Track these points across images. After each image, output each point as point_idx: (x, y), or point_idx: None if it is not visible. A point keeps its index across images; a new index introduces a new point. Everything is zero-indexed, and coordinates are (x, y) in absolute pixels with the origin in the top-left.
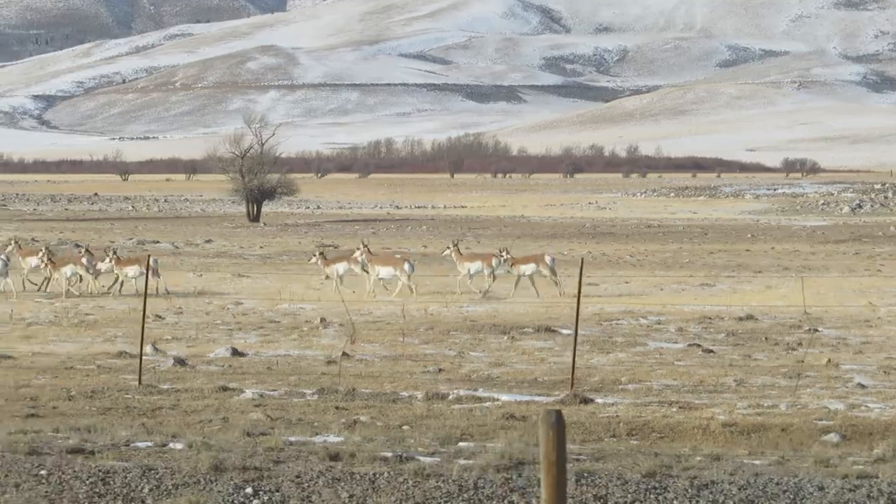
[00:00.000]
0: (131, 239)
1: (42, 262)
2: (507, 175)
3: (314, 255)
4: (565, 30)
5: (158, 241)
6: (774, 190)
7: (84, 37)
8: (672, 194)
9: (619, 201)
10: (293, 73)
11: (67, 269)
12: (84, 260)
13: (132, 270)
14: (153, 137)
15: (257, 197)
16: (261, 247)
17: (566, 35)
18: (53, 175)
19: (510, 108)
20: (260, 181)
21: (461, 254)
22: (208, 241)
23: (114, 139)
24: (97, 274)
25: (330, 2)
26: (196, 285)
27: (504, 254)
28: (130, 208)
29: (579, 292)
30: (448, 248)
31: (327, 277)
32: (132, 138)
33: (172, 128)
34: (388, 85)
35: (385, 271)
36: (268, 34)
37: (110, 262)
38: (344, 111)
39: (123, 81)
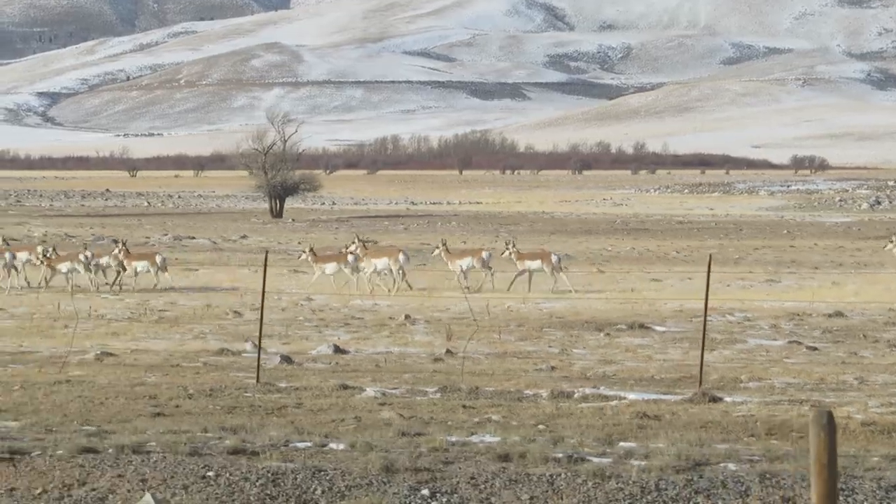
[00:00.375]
0: (165, 234)
1: (38, 259)
2: (516, 172)
3: (304, 252)
4: (569, 27)
5: (194, 237)
6: (788, 186)
7: (87, 34)
8: (686, 191)
9: (633, 198)
10: (297, 71)
11: (63, 266)
12: (81, 256)
13: (141, 265)
14: (158, 134)
15: (280, 193)
16: (298, 242)
17: (570, 32)
18: (60, 171)
19: (515, 106)
20: (283, 177)
21: (450, 252)
22: (244, 237)
23: (118, 136)
24: (97, 270)
25: None
26: (254, 281)
27: (510, 247)
28: (146, 204)
29: (707, 288)
30: (437, 248)
31: (324, 273)
32: (137, 135)
33: (177, 125)
34: (393, 82)
35: (381, 263)
36: (271, 32)
37: (118, 254)
38: (348, 108)
39: (128, 79)
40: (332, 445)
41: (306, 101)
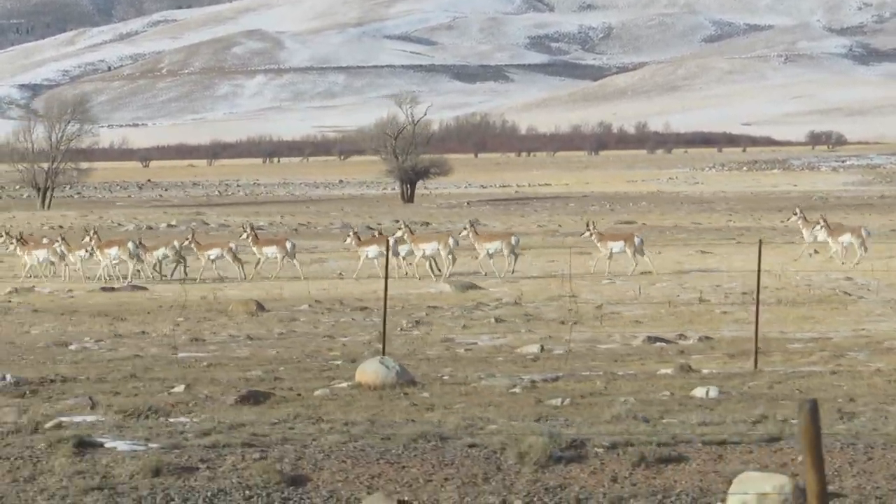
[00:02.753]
0: (390, 221)
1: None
2: (531, 154)
3: (348, 236)
4: (549, 8)
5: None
6: (843, 161)
7: (65, 25)
8: (745, 168)
9: (698, 176)
10: (279, 57)
11: (158, 252)
12: (180, 242)
13: (271, 251)
14: (142, 124)
15: (411, 177)
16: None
17: (550, 13)
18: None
19: (498, 88)
20: (413, 161)
21: (478, 234)
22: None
23: (103, 127)
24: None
25: None
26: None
27: (591, 228)
28: (217, 193)
29: None
30: (464, 228)
31: (368, 257)
32: (121, 125)
33: (161, 114)
34: (375, 67)
35: (430, 247)
36: (252, 19)
37: (247, 239)
38: (331, 94)
39: (109, 69)
40: None
41: (289, 87)
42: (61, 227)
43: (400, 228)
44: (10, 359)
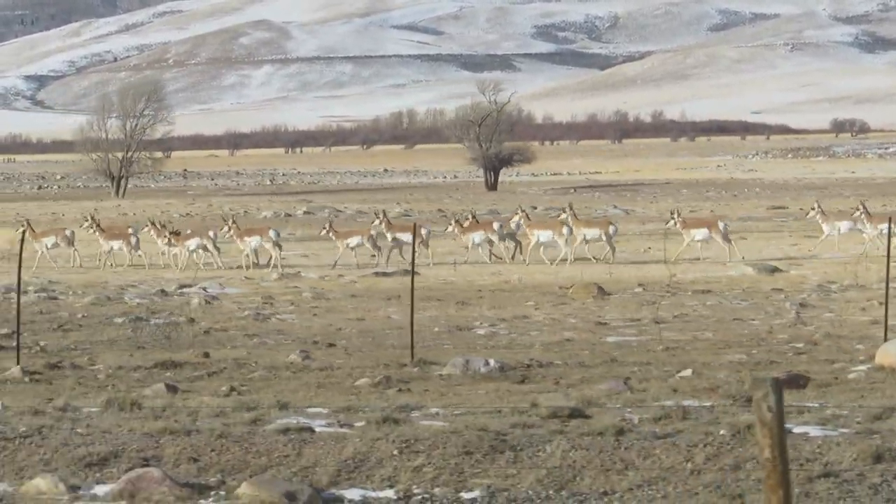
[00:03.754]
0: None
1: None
2: (555, 143)
3: (451, 223)
4: None
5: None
6: (886, 149)
7: (69, 16)
8: (790, 155)
9: (747, 164)
10: (286, 48)
11: (192, 243)
12: (210, 233)
13: (353, 241)
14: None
15: (495, 165)
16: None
17: (557, 3)
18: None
19: (505, 77)
20: (497, 149)
21: (530, 220)
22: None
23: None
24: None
25: None
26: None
27: (675, 216)
28: (269, 182)
29: None
30: (563, 212)
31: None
32: None
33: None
34: (382, 57)
35: (545, 235)
36: (258, 9)
37: (327, 232)
38: (339, 84)
39: (115, 60)
40: None
41: (296, 77)
42: (169, 215)
43: (517, 213)
44: (427, 343)
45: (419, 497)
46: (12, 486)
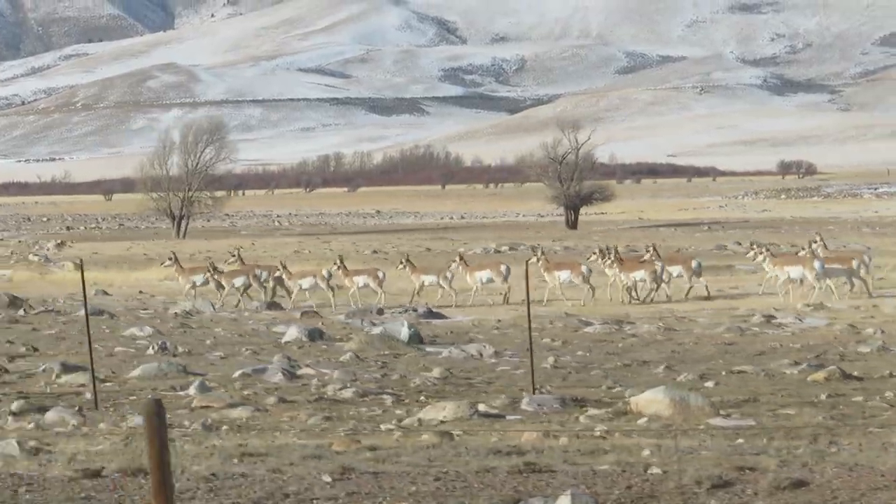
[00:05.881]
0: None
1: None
2: (499, 185)
3: (536, 257)
4: (462, 41)
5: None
6: (876, 189)
7: None
8: (783, 196)
9: (741, 204)
10: (195, 91)
11: (306, 282)
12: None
13: (429, 279)
14: (59, 159)
15: (576, 203)
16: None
17: (463, 46)
18: (27, 197)
19: (414, 121)
20: (578, 187)
21: (549, 261)
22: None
23: (20, 161)
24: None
25: (220, 18)
26: None
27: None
28: (287, 224)
29: None
30: (596, 255)
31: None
32: (38, 160)
33: (77, 149)
34: (291, 100)
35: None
36: (164, 52)
37: (403, 268)
38: (248, 127)
39: (23, 103)
40: None
41: (205, 121)
42: (281, 255)
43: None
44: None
45: None
46: None
